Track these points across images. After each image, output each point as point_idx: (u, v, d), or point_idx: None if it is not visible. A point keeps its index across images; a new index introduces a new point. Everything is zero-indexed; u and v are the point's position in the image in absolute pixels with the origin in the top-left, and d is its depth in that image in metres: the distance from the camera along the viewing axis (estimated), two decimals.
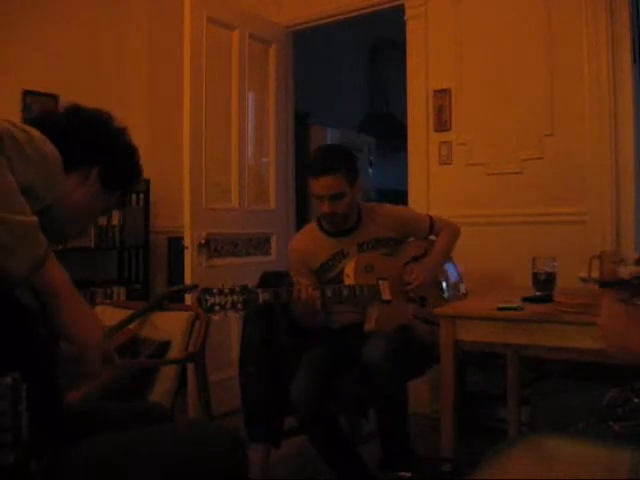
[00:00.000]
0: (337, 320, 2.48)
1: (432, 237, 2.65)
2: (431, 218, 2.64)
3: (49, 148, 1.08)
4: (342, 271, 2.40)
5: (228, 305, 1.97)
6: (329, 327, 2.47)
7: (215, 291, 1.97)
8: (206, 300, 1.96)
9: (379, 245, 2.50)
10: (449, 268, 2.66)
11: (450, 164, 3.32)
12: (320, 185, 2.35)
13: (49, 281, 1.10)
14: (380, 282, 2.36)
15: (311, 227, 2.59)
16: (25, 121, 1.30)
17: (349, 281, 2.34)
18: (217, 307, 1.96)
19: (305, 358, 2.33)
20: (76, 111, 1.37)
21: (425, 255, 2.57)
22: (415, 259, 2.55)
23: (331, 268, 2.46)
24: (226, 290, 1.98)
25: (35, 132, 1.07)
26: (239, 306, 1.98)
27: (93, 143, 1.33)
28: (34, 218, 1.02)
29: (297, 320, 2.32)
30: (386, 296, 2.35)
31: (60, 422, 1.14)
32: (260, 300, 2.03)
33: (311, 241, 2.52)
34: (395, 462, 2.22)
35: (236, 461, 1.31)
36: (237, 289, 1.99)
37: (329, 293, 2.21)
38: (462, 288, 2.66)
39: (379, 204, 2.65)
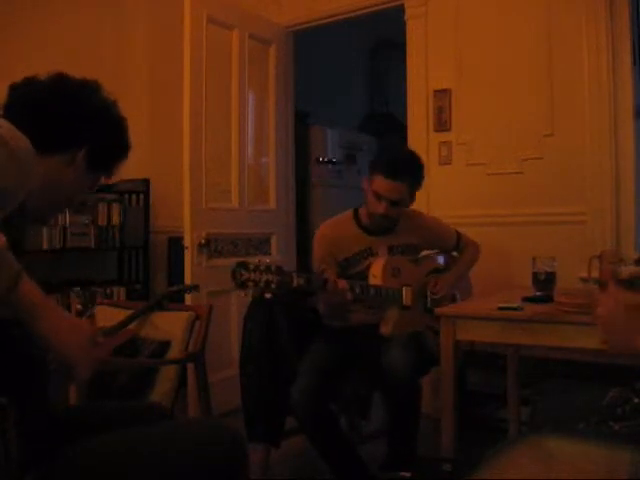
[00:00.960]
0: (348, 318, 2.47)
1: (454, 253, 2.68)
2: (459, 234, 2.66)
3: (22, 143, 0.99)
4: (367, 268, 2.38)
5: (262, 283, 1.89)
6: (334, 327, 2.46)
7: (251, 267, 1.88)
8: (240, 274, 1.87)
9: (408, 251, 2.50)
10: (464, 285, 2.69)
11: (450, 164, 3.32)
12: (387, 187, 2.32)
13: (23, 297, 1.03)
14: (404, 288, 2.36)
15: (347, 217, 2.54)
16: (8, 90, 1.22)
17: (375, 281, 2.31)
18: (251, 283, 1.88)
19: (308, 357, 2.33)
20: (60, 84, 1.26)
21: (445, 269, 2.61)
22: (436, 271, 2.58)
23: (356, 263, 2.44)
24: (262, 267, 1.90)
25: (2, 122, 0.98)
26: (273, 286, 1.90)
27: (78, 125, 1.24)
28: (2, 240, 0.97)
29: (322, 312, 2.30)
30: (407, 302, 2.35)
31: (53, 433, 1.13)
32: (294, 284, 1.97)
33: (343, 231, 2.49)
34: (398, 462, 2.23)
35: (236, 460, 1.31)
36: (273, 268, 1.92)
37: (358, 289, 2.19)
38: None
39: (415, 211, 2.63)
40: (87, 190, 1.35)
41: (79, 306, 3.20)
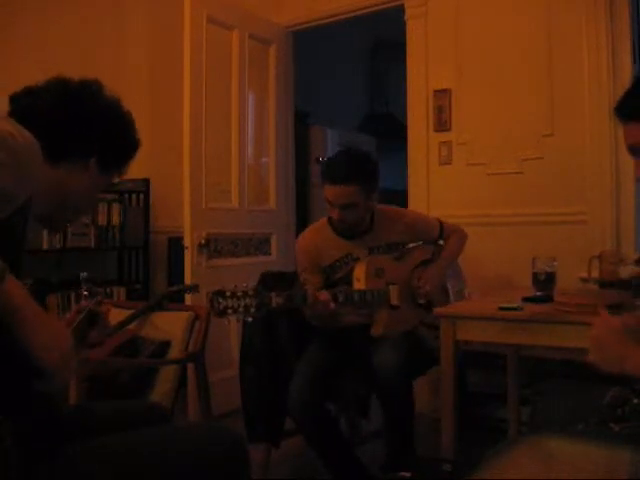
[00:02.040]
0: (339, 321, 2.47)
1: (440, 242, 2.65)
2: (441, 222, 2.64)
3: (25, 141, 0.96)
4: (351, 271, 2.36)
5: (241, 309, 1.89)
6: (326, 328, 2.45)
7: (228, 294, 1.88)
8: (218, 303, 1.88)
9: (390, 250, 2.47)
10: (453, 273, 2.65)
11: (450, 164, 3.32)
12: (332, 193, 2.30)
13: (7, 300, 0.99)
14: (390, 287, 2.34)
15: (322, 224, 2.53)
16: (10, 101, 1.21)
17: (359, 285, 2.30)
18: (230, 310, 1.88)
19: (304, 357, 2.32)
20: (61, 89, 1.24)
21: (432, 260, 2.57)
22: (423, 263, 2.54)
23: (339, 269, 2.43)
24: (239, 293, 1.90)
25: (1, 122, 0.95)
26: (252, 310, 1.91)
27: (86, 127, 1.23)
28: None
29: (309, 320, 2.29)
30: (395, 301, 2.34)
31: (53, 433, 1.13)
32: (273, 304, 1.96)
33: (321, 239, 2.47)
34: (397, 462, 2.23)
35: (237, 460, 1.31)
36: (250, 292, 1.91)
37: (341, 298, 2.17)
38: (466, 293, 2.66)
39: (393, 208, 2.60)
40: (101, 190, 1.34)
41: (86, 292, 3.19)
